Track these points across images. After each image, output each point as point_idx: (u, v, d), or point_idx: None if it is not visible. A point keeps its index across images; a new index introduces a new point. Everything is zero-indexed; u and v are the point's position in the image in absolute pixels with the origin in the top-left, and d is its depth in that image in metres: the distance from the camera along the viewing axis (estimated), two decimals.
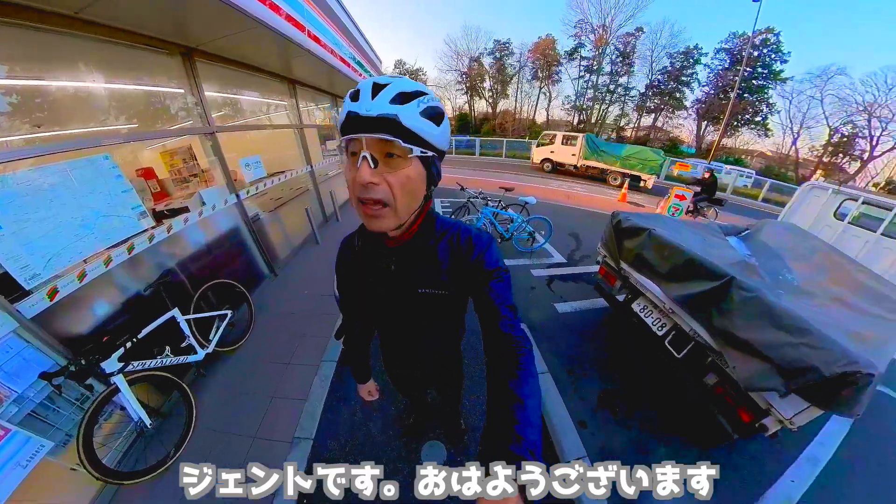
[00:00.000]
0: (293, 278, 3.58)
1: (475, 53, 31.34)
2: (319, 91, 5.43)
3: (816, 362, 1.38)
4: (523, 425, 0.46)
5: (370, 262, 0.79)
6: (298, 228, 4.31)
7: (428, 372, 1.11)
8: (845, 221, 5.13)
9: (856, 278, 2.25)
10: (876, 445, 2.37)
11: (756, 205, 12.30)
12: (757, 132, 25.78)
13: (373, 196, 0.57)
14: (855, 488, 2.04)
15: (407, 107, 0.54)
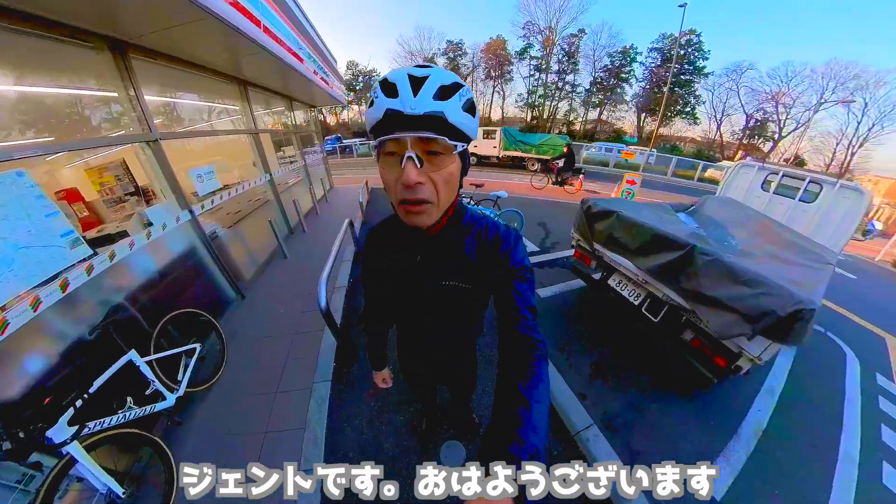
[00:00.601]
0: (264, 298, 3.26)
1: (428, 54, 31.43)
2: (273, 93, 5.01)
3: (773, 306, 1.69)
4: (527, 428, 0.46)
5: (397, 253, 0.79)
6: (263, 243, 3.94)
7: (443, 368, 1.10)
8: (770, 192, 5.87)
9: (784, 238, 2.74)
10: (812, 370, 3.07)
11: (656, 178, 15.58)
12: (688, 121, 29.03)
13: (419, 196, 0.56)
14: (803, 407, 2.63)
15: (451, 102, 0.52)
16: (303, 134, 6.72)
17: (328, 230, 5.06)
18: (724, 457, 2.08)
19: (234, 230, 3.37)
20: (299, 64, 3.48)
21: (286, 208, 4.74)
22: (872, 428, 2.57)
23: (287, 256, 4.10)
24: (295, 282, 3.55)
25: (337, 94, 6.24)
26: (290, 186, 5.27)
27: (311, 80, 4.20)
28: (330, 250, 2.71)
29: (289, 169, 5.35)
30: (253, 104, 4.05)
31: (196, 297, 2.62)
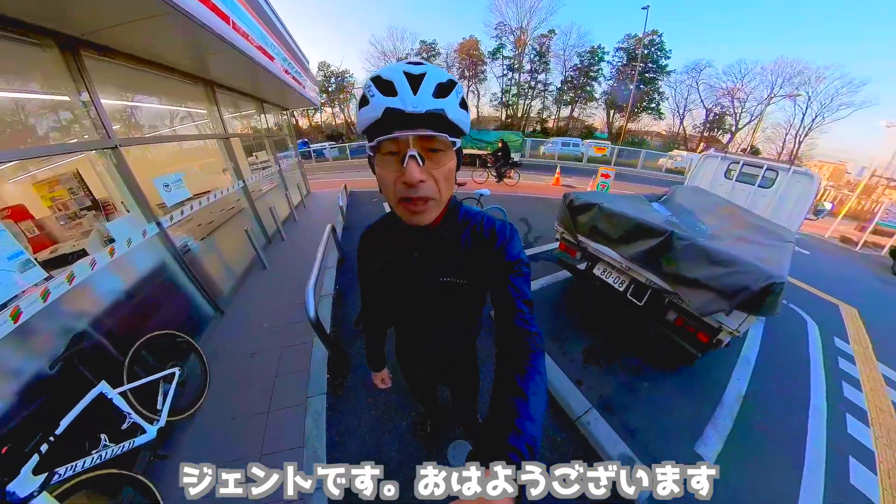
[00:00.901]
0: (244, 313, 3.07)
1: (402, 54, 31.07)
2: (243, 95, 4.75)
3: (748, 282, 1.85)
4: (524, 419, 0.46)
5: (393, 252, 0.79)
6: (239, 254, 3.72)
7: (443, 368, 1.09)
8: (733, 180, 6.34)
9: (748, 221, 3.00)
10: (779, 339, 3.42)
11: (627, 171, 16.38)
12: (653, 116, 30.50)
13: (422, 194, 0.56)
14: (775, 371, 2.92)
15: (449, 99, 0.53)
16: (276, 138, 6.44)
17: (308, 237, 4.89)
18: (712, 424, 2.25)
19: (208, 242, 3.15)
20: (271, 63, 3.31)
21: (262, 216, 4.51)
22: (835, 385, 2.92)
23: (266, 267, 3.90)
24: (277, 293, 3.38)
25: (310, 96, 6.03)
26: (264, 193, 5.02)
27: (283, 81, 4.01)
28: (313, 257, 2.61)
29: (263, 175, 5.09)
30: (222, 107, 3.82)
31: (170, 317, 2.42)
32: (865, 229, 9.74)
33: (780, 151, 25.55)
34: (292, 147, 7.92)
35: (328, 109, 33.94)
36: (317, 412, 2.04)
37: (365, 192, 8.38)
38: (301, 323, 2.73)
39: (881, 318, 4.52)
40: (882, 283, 6.45)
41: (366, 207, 6.93)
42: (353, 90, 32.86)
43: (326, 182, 10.76)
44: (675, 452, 2.04)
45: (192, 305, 2.72)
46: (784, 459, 2.10)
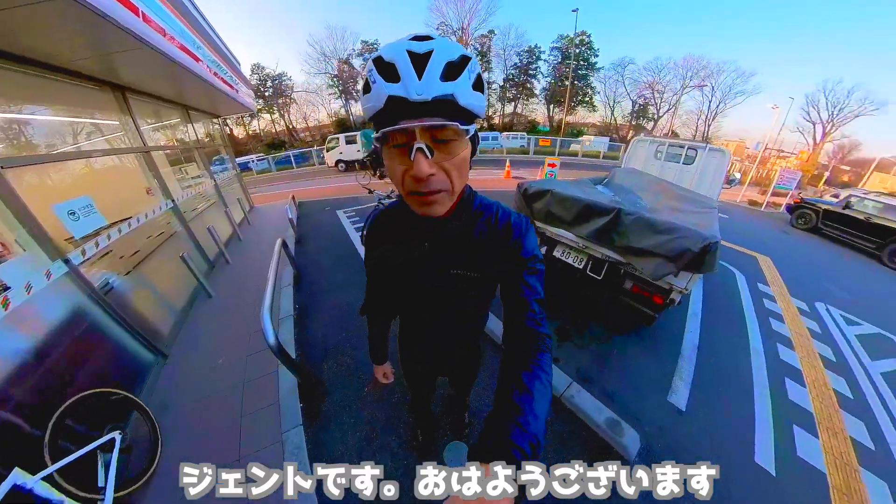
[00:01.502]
0: (192, 352, 2.66)
1: (343, 55, 29.93)
2: (164, 102, 4.15)
3: (689, 245, 2.12)
4: (527, 416, 0.46)
5: (403, 240, 0.75)
6: (177, 285, 3.25)
7: (447, 360, 1.07)
8: (661, 160, 7.17)
9: (678, 193, 3.45)
10: (716, 291, 4.04)
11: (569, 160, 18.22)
12: (588, 109, 33.25)
13: (431, 188, 0.52)
14: (718, 320, 3.44)
15: (460, 81, 0.47)
16: (208, 149, 5.75)
17: (256, 256, 4.44)
18: (677, 375, 2.56)
19: (136, 276, 2.69)
20: (194, 63, 2.91)
21: (200, 238, 3.98)
22: (766, 323, 3.51)
23: (212, 295, 3.45)
24: (229, 323, 2.99)
25: (244, 101, 5.47)
26: (200, 212, 4.45)
27: (212, 84, 3.57)
28: (265, 278, 2.38)
29: (195, 192, 4.51)
30: (138, 116, 3.28)
31: (99, 372, 2.00)
32: (767, 193, 11.74)
33: (694, 134, 29.50)
34: (229, 158, 7.16)
35: (266, 116, 31.44)
36: (296, 446, 1.84)
37: (315, 202, 7.91)
38: (261, 352, 2.48)
39: (788, 262, 5.64)
40: (784, 234, 8.01)
41: (318, 217, 6.52)
42: (292, 94, 30.81)
43: (271, 195, 9.95)
44: (652, 406, 2.26)
45: (124, 354, 2.28)
46: (738, 389, 2.53)
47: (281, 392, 2.20)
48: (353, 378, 2.37)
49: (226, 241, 4.79)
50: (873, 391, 2.75)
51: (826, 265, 6.17)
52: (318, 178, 13.61)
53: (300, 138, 32.62)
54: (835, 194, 10.76)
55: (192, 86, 3.60)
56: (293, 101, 31.49)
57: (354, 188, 8.94)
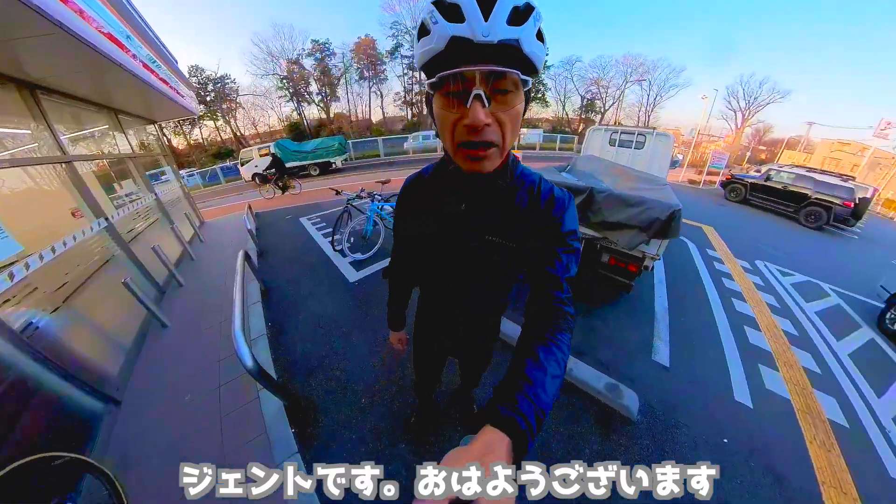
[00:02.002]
0: (152, 392, 2.23)
1: (293, 55, 28.11)
2: (87, 104, 3.60)
3: (658, 214, 2.33)
4: (537, 389, 0.46)
5: (438, 200, 0.72)
6: (123, 317, 2.75)
7: (463, 339, 1.02)
8: (615, 147, 7.79)
9: (634, 175, 3.75)
10: (674, 259, 4.39)
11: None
12: (541, 105, 34.78)
13: (486, 138, 0.50)
14: (680, 283, 3.82)
15: (526, 27, 0.45)
16: (145, 160, 5.11)
17: (214, 274, 3.97)
18: (657, 336, 2.79)
19: (68, 312, 2.20)
20: (122, 53, 2.51)
21: (145, 261, 3.43)
22: (720, 282, 4.01)
23: (167, 324, 2.96)
24: (192, 353, 2.61)
25: (185, 103, 4.86)
26: (141, 232, 3.91)
27: (146, 82, 3.13)
28: (226, 298, 2.18)
29: (134, 208, 3.96)
30: (53, 121, 2.80)
31: (34, 434, 1.64)
32: (703, 172, 13.28)
33: (637, 125, 31.91)
34: (171, 170, 6.43)
35: (209, 123, 28.91)
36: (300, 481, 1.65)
37: (274, 211, 7.26)
38: (235, 380, 2.21)
39: (728, 229, 6.51)
40: (721, 206, 9.20)
41: (279, 227, 6.02)
42: (237, 98, 28.58)
43: (223, 208, 9.12)
44: (642, 367, 2.44)
45: (66, 407, 1.87)
46: (708, 341, 2.84)
47: (267, 420, 1.95)
48: (348, 391, 2.18)
49: (176, 262, 4.25)
50: (812, 328, 3.25)
51: (758, 229, 7.14)
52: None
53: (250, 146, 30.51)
54: (757, 170, 12.35)
55: (122, 84, 3.12)
56: (239, 106, 29.11)
57: (313, 194, 8.62)
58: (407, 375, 2.23)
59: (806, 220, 8.25)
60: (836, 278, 4.58)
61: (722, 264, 4.58)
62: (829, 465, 1.84)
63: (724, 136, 24.83)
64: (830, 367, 2.69)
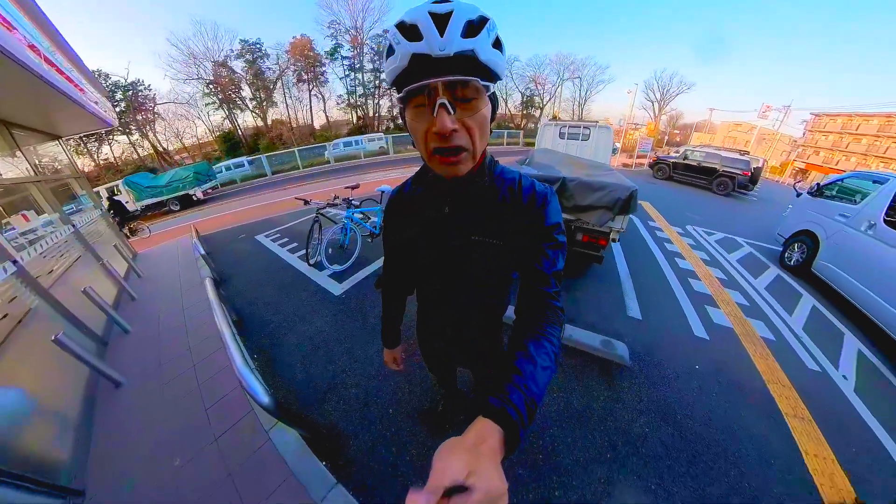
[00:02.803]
0: (123, 468, 1.74)
1: (219, 56, 25.19)
2: None
3: (620, 194, 2.74)
4: (528, 381, 0.47)
5: (422, 204, 0.74)
6: (59, 385, 2.11)
7: (464, 344, 0.97)
8: (565, 139, 8.58)
9: (586, 163, 4.25)
10: (625, 233, 5.03)
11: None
12: None
13: (454, 144, 0.53)
14: (633, 251, 4.40)
15: (480, 38, 0.48)
16: (52, 184, 4.06)
17: (165, 313, 3.33)
18: (628, 296, 3.25)
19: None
20: (6, 34, 1.80)
21: (74, 308, 2.62)
22: (663, 246, 4.68)
23: (122, 382, 2.35)
24: (164, 408, 2.10)
25: (98, 111, 3.62)
26: (63, 273, 3.00)
27: (47, 81, 2.30)
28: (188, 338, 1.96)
29: (48, 245, 2.97)
30: None
31: None
32: (633, 157, 15.03)
33: (572, 118, 34.80)
34: (87, 195, 5.33)
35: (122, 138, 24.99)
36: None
37: (219, 233, 6.20)
38: (233, 427, 1.90)
39: (661, 203, 7.51)
40: (651, 184, 10.55)
41: (232, 249, 5.21)
42: (155, 107, 25.17)
43: (155, 236, 7.82)
44: (621, 323, 2.82)
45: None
46: (665, 294, 3.37)
47: (289, 462, 1.69)
48: (370, 405, 2.00)
49: (114, 305, 3.42)
50: (737, 272, 3.96)
51: (683, 200, 8.33)
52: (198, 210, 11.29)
53: (176, 161, 27.11)
54: (675, 150, 14.33)
55: (14, 84, 2.29)
56: (158, 117, 25.53)
57: (262, 210, 7.90)
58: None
59: (717, 189, 9.87)
60: (746, 232, 5.60)
61: (662, 232, 5.32)
62: (769, 368, 2.34)
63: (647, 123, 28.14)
64: (755, 299, 3.33)
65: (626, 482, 1.55)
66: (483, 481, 0.34)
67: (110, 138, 24.54)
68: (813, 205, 4.05)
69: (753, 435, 1.82)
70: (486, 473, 0.35)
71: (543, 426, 1.81)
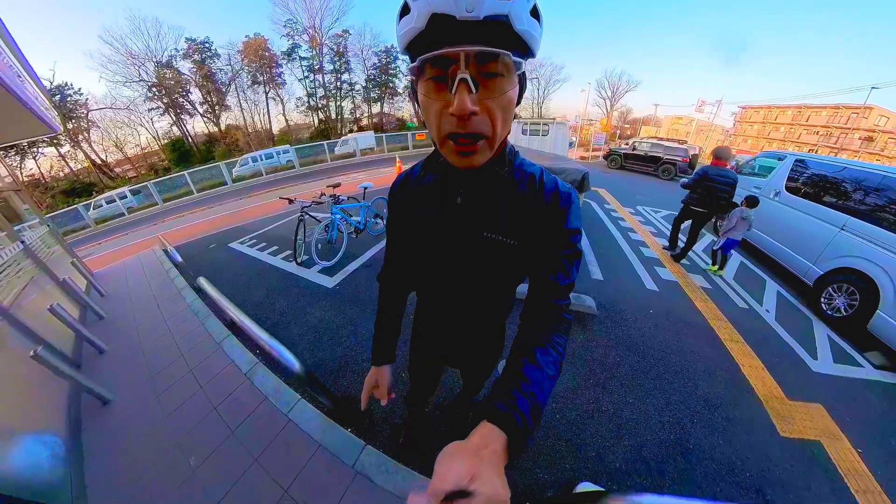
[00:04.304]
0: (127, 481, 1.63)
1: (162, 55, 23.09)
2: None
3: (575, 176, 3.21)
4: (533, 388, 0.46)
5: (432, 195, 0.66)
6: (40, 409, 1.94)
7: (464, 347, 0.91)
8: (528, 135, 9.35)
9: (547, 156, 4.89)
10: (585, 215, 5.72)
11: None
12: None
13: (474, 129, 0.44)
14: (594, 232, 4.89)
15: (517, 2, 0.40)
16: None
17: (140, 330, 3.12)
18: (590, 263, 3.76)
19: None
20: None
21: (40, 330, 2.36)
22: (617, 224, 5.36)
23: (110, 399, 2.18)
24: (165, 418, 1.99)
25: (41, 112, 2.93)
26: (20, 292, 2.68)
27: None
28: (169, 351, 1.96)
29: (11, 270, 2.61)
30: None
31: None
32: (589, 150, 16.43)
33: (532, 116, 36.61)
34: (31, 209, 4.75)
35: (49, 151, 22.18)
36: (376, 464, 1.53)
37: (184, 245, 5.60)
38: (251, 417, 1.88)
39: (614, 189, 8.35)
40: (605, 174, 11.44)
41: (206, 259, 4.85)
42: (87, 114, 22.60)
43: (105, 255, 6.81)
44: (587, 283, 3.27)
45: None
46: (620, 260, 3.90)
47: (316, 437, 1.72)
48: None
49: (80, 321, 3.15)
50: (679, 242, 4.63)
51: (633, 186, 9.31)
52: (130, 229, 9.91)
53: (116, 175, 24.61)
54: (626, 143, 15.82)
55: None
56: (92, 124, 22.85)
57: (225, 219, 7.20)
58: None
59: (662, 174, 11.12)
60: None
61: (616, 213, 6.04)
62: (708, 308, 2.86)
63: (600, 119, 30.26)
64: (694, 259, 3.97)
65: (609, 399, 1.89)
66: (486, 486, 0.33)
67: (34, 151, 21.66)
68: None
69: (701, 356, 2.26)
70: (488, 479, 0.34)
71: None
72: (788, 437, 1.71)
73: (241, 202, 9.73)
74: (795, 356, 2.35)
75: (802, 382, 2.10)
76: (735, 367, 2.18)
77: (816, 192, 3.38)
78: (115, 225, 11.90)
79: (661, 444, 1.64)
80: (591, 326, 2.55)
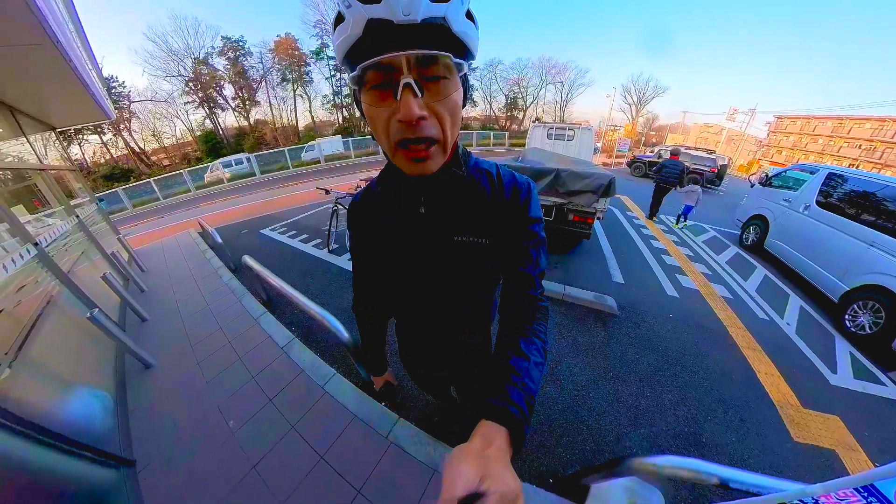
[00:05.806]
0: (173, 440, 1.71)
1: (199, 53, 24.40)
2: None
3: (603, 181, 3.39)
4: (524, 378, 0.46)
5: (393, 209, 0.63)
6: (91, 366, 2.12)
7: (453, 360, 0.89)
8: (553, 140, 9.29)
9: (570, 160, 4.95)
10: (607, 220, 5.73)
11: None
12: (470, 105, 36.84)
13: (423, 134, 0.44)
14: (613, 232, 5.18)
15: (452, 4, 0.40)
16: (57, 171, 3.85)
17: (180, 302, 3.33)
18: (611, 266, 3.85)
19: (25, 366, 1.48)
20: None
21: (94, 295, 2.53)
22: (639, 231, 5.36)
23: (153, 364, 2.35)
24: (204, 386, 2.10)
25: (102, 101, 3.31)
26: (77, 259, 2.92)
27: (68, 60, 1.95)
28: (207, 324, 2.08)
29: (60, 231, 2.79)
30: None
31: None
32: (612, 156, 16.00)
33: (554, 120, 36.05)
34: (83, 187, 5.19)
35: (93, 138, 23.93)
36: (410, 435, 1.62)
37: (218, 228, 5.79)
38: (288, 387, 1.99)
39: (637, 197, 8.26)
40: (629, 181, 11.37)
41: (239, 243, 5.13)
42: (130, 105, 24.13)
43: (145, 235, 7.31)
44: (608, 285, 3.39)
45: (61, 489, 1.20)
46: (641, 265, 4.00)
47: (351, 408, 1.82)
48: None
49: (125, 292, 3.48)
50: (703, 251, 4.62)
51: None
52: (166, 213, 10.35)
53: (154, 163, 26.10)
54: (652, 151, 15.40)
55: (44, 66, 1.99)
56: (133, 115, 24.51)
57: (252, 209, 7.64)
58: None
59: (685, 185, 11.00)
60: (712, 220, 6.41)
61: (639, 220, 6.04)
62: (728, 317, 2.90)
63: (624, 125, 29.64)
64: (717, 270, 3.97)
65: (628, 391, 2.00)
66: (497, 484, 0.33)
67: (80, 137, 23.29)
68: (764, 193, 4.74)
69: (718, 360, 2.33)
70: (498, 476, 0.34)
71: (560, 356, 2.26)
72: (802, 443, 1.76)
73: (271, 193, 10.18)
74: (814, 368, 2.37)
75: (819, 394, 2.13)
76: (751, 373, 2.23)
77: (850, 208, 3.32)
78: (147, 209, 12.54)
79: (675, 435, 1.74)
80: (612, 325, 2.67)
